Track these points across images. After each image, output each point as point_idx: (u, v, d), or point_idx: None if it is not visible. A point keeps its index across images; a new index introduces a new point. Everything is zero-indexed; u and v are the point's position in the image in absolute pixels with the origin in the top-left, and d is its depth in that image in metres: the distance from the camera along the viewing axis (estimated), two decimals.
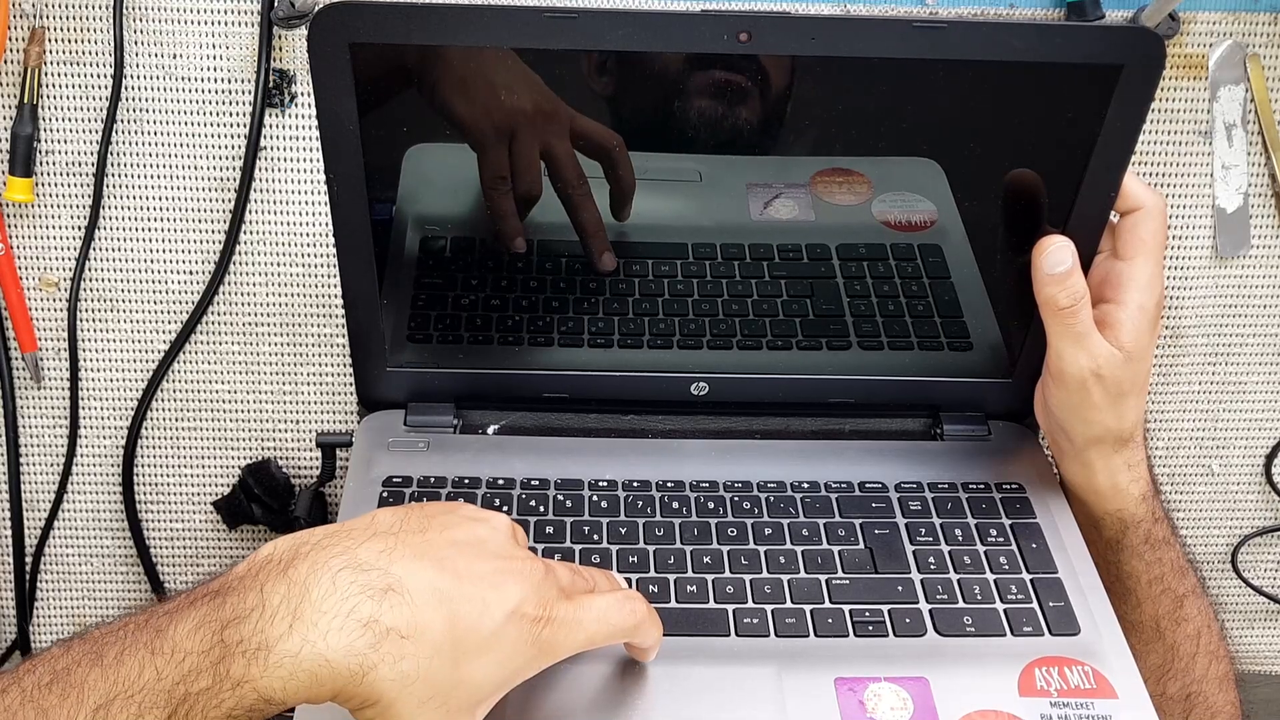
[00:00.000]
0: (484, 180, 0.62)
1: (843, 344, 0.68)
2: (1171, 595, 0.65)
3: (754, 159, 0.64)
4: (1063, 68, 0.58)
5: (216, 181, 0.69)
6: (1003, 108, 0.62)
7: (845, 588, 0.59)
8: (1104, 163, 0.60)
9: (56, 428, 0.73)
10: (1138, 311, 0.60)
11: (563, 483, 0.64)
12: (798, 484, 0.65)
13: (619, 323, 0.67)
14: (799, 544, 0.61)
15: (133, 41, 0.66)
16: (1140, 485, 0.64)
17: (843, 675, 0.54)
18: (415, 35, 0.56)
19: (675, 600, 0.58)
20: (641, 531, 0.62)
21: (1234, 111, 0.70)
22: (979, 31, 0.58)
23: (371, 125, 0.59)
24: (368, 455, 0.66)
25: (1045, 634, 0.57)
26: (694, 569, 0.60)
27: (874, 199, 0.65)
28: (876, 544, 0.61)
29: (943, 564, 0.60)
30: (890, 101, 0.61)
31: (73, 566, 0.76)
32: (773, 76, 0.60)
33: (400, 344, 0.67)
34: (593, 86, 0.60)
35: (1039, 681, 0.54)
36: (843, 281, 0.66)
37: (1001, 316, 0.67)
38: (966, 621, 0.57)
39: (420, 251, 0.65)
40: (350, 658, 0.42)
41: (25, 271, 0.70)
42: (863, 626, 0.57)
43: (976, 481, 0.66)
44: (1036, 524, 0.63)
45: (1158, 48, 0.57)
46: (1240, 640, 0.80)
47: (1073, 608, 0.58)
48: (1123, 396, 0.61)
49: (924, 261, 0.66)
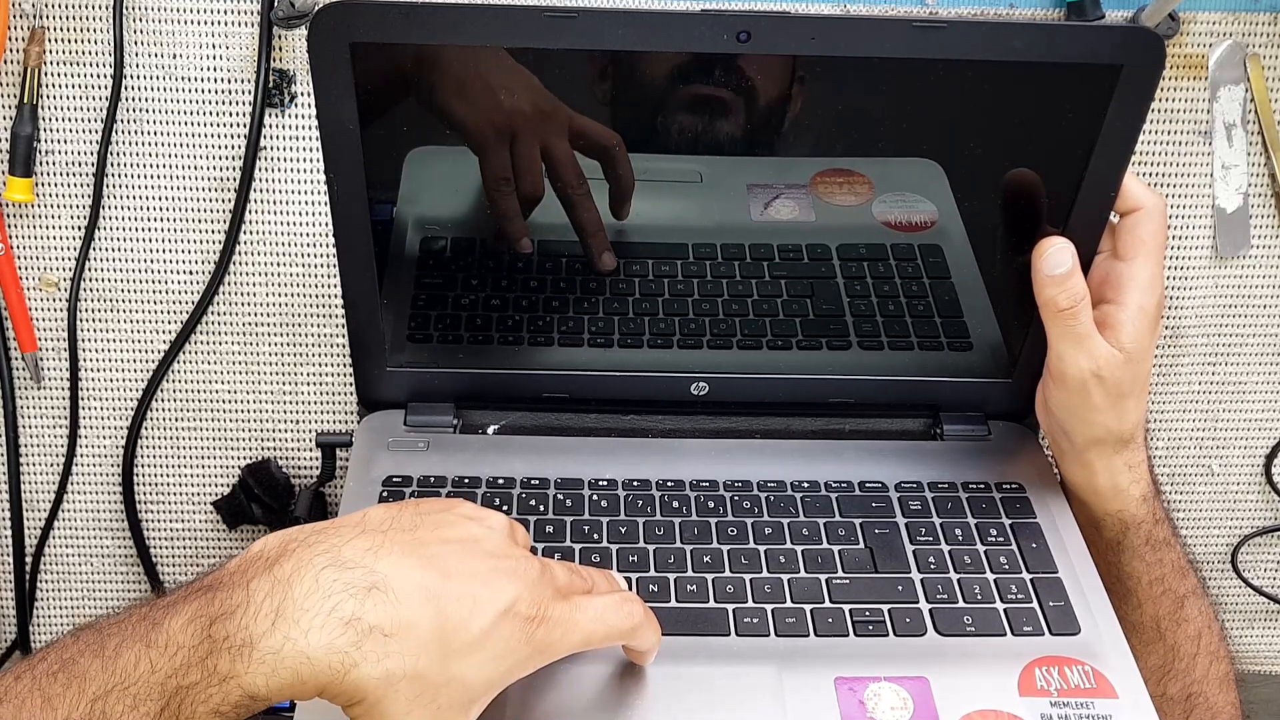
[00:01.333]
0: (486, 182, 0.62)
1: (843, 344, 0.68)
2: (1172, 596, 0.65)
3: (754, 160, 0.64)
4: (1063, 68, 0.58)
5: (216, 181, 0.69)
6: (1003, 108, 0.62)
7: (845, 587, 0.59)
8: (1104, 163, 0.60)
9: (56, 428, 0.73)
10: (1138, 312, 0.60)
11: (562, 482, 0.64)
12: (797, 483, 0.65)
13: (619, 322, 0.67)
14: (799, 543, 0.61)
15: (133, 41, 0.66)
16: (1141, 486, 0.64)
17: (843, 675, 0.54)
18: (415, 34, 0.56)
19: (675, 600, 0.58)
20: (641, 530, 0.62)
21: (1234, 111, 0.70)
22: (979, 31, 0.57)
23: (372, 127, 0.59)
24: (367, 455, 0.66)
25: (1045, 634, 0.57)
26: (694, 568, 0.60)
27: (874, 199, 0.65)
28: (876, 543, 0.61)
29: (943, 563, 0.60)
30: (891, 102, 0.61)
31: (73, 566, 0.76)
32: (773, 78, 0.60)
33: (400, 344, 0.67)
34: (593, 90, 0.60)
35: (1039, 681, 0.54)
36: (843, 281, 0.66)
37: (1002, 317, 0.67)
38: (966, 621, 0.57)
39: (420, 252, 0.65)
40: (332, 655, 0.42)
41: (25, 271, 0.70)
42: (863, 626, 0.57)
43: (976, 481, 0.66)
44: (1036, 524, 0.63)
45: (1158, 48, 0.57)
46: (1240, 640, 0.80)
47: (1073, 607, 0.58)
48: (1123, 397, 0.61)
49: (924, 262, 0.66)
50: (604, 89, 0.60)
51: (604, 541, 0.61)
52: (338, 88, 0.57)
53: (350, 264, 0.63)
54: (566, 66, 0.59)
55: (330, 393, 0.73)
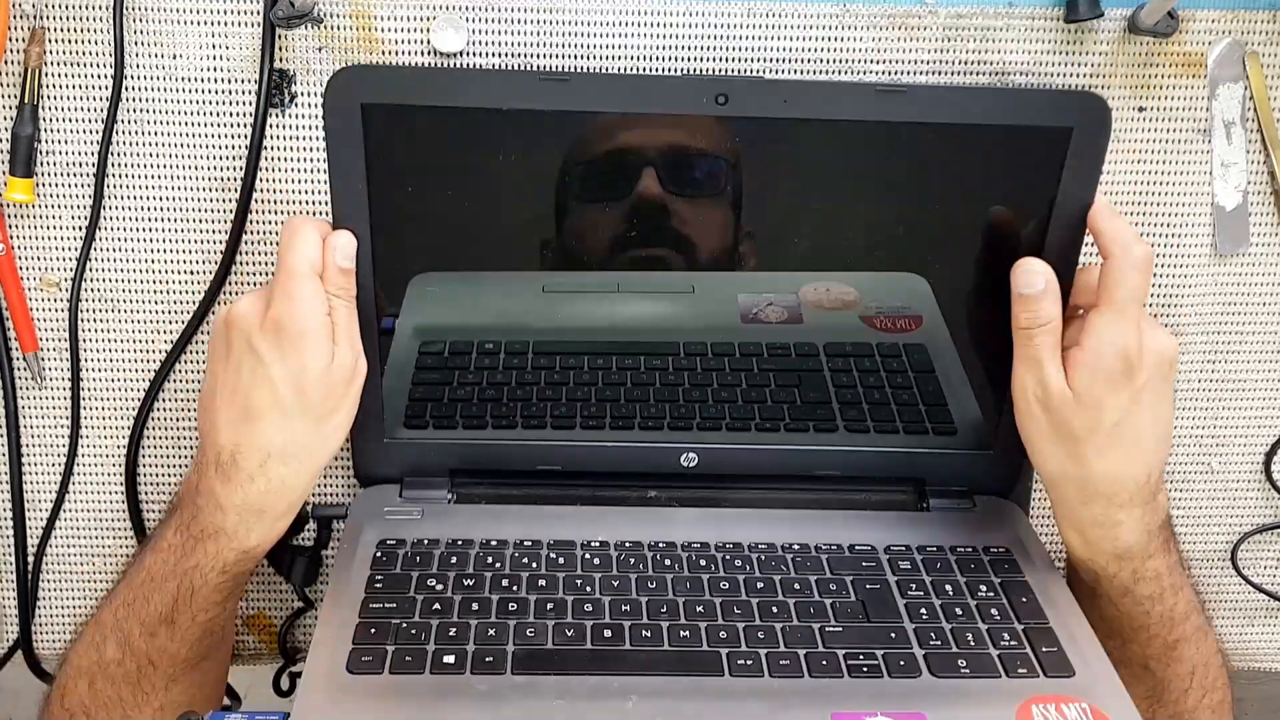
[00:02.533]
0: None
1: (829, 427, 0.70)
2: (1160, 641, 0.65)
3: (744, 275, 0.67)
4: (1018, 134, 0.62)
5: (217, 182, 0.69)
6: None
7: (838, 634, 0.59)
8: (1062, 225, 0.63)
9: (58, 428, 0.73)
10: (1091, 357, 0.60)
11: (555, 543, 0.66)
12: (788, 545, 0.66)
13: (610, 408, 0.69)
14: (790, 596, 0.62)
15: (133, 42, 0.66)
16: (1116, 545, 0.63)
17: (839, 711, 0.54)
18: (420, 96, 0.61)
19: (668, 644, 0.58)
20: (634, 584, 0.63)
21: (1233, 109, 0.70)
22: (936, 94, 0.63)
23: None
24: (361, 523, 0.67)
25: (1040, 675, 0.57)
26: (686, 616, 0.60)
27: (860, 306, 0.68)
28: (868, 596, 0.62)
29: (934, 614, 0.61)
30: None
31: (75, 566, 0.76)
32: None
33: (396, 425, 0.69)
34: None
35: (1037, 717, 0.54)
36: (829, 374, 0.69)
37: (981, 396, 0.69)
38: (961, 664, 0.57)
39: (419, 354, 0.68)
40: (257, 477, 0.61)
41: (26, 272, 0.71)
42: (857, 668, 0.57)
43: (964, 545, 0.67)
44: (1025, 581, 0.64)
45: (1102, 110, 0.62)
46: (1239, 638, 0.80)
47: (1066, 653, 0.58)
48: (1075, 441, 0.61)
49: (909, 359, 0.69)
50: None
51: (596, 593, 0.62)
52: (350, 145, 0.61)
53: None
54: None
55: None
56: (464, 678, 0.56)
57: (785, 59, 0.68)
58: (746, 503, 0.71)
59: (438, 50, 0.67)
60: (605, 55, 0.68)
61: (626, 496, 0.71)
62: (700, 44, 0.68)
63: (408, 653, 0.57)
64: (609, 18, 0.67)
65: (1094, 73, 0.69)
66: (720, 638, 0.59)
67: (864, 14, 0.68)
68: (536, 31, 0.67)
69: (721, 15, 0.67)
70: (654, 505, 0.70)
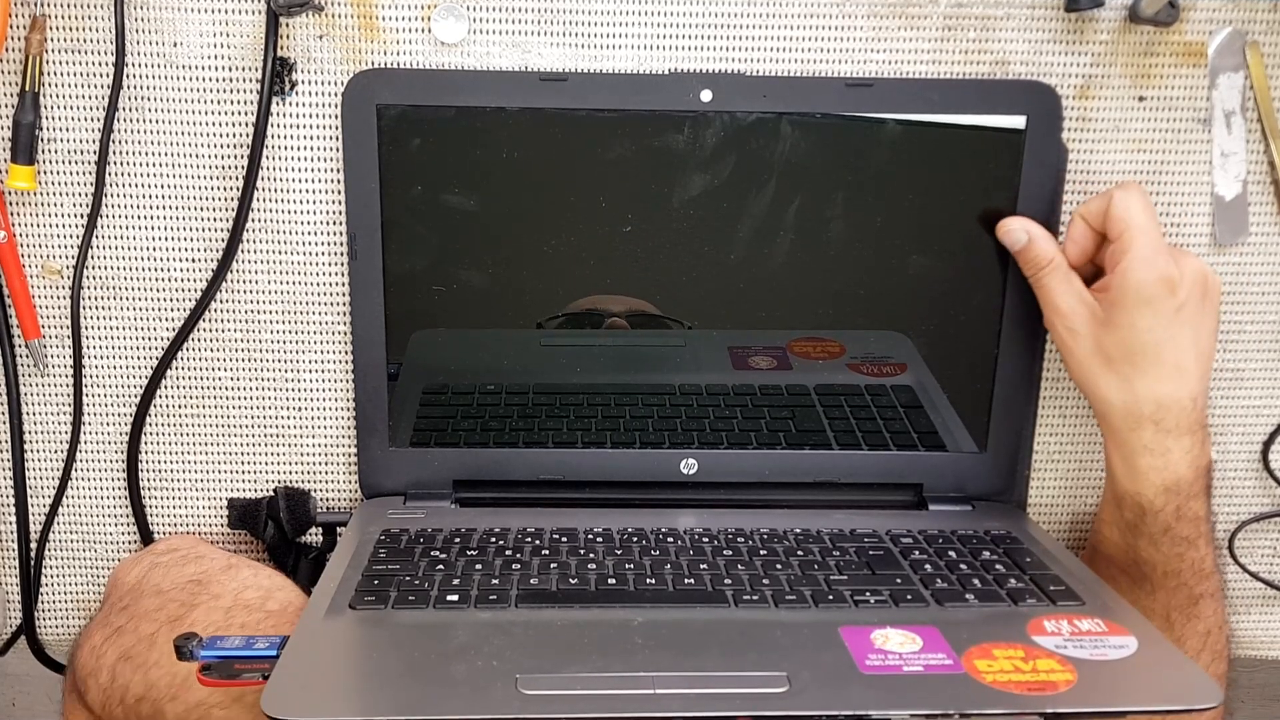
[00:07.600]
0: None
1: (824, 445, 0.72)
2: (1187, 591, 0.66)
3: (733, 331, 0.71)
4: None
5: (218, 169, 0.69)
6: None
7: (843, 581, 0.60)
8: (1032, 191, 0.67)
9: (60, 415, 0.74)
10: (1119, 278, 0.62)
11: (559, 530, 0.67)
12: (789, 530, 0.67)
13: (611, 436, 0.72)
14: (794, 558, 0.63)
15: (134, 29, 0.66)
16: (1165, 476, 0.64)
17: (847, 625, 0.55)
18: (430, 97, 0.65)
19: (673, 587, 0.59)
20: (637, 550, 0.64)
21: (1233, 99, 0.70)
22: (900, 87, 0.67)
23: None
24: (365, 523, 0.68)
25: (1050, 604, 0.58)
26: (690, 571, 0.61)
27: (846, 357, 0.71)
28: (872, 559, 0.63)
29: (939, 569, 0.62)
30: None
31: (77, 553, 0.76)
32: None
33: (402, 444, 0.71)
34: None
35: (1049, 627, 0.55)
36: (822, 410, 0.72)
37: (976, 412, 0.72)
38: (968, 597, 0.58)
39: (422, 394, 0.72)
40: None
41: (28, 259, 0.71)
42: (863, 602, 0.58)
43: (966, 529, 0.68)
44: (1029, 548, 0.65)
45: (1052, 99, 0.66)
46: (1236, 626, 0.80)
47: (1075, 590, 0.59)
48: (1110, 362, 0.63)
49: (897, 397, 0.72)
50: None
51: (600, 558, 0.63)
52: (364, 145, 0.66)
53: (364, 359, 0.70)
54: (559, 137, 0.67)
55: (331, 384, 0.73)
56: (467, 610, 0.57)
57: (783, 50, 0.68)
58: (747, 504, 0.72)
59: (439, 40, 0.67)
60: (604, 46, 0.68)
61: (628, 499, 0.72)
62: (697, 33, 0.68)
63: (411, 593, 0.58)
64: (608, 5, 0.67)
65: (1094, 62, 0.69)
66: (725, 583, 0.60)
67: (864, 3, 0.68)
68: (536, 21, 0.67)
69: (720, 4, 0.67)
70: (655, 508, 0.71)
